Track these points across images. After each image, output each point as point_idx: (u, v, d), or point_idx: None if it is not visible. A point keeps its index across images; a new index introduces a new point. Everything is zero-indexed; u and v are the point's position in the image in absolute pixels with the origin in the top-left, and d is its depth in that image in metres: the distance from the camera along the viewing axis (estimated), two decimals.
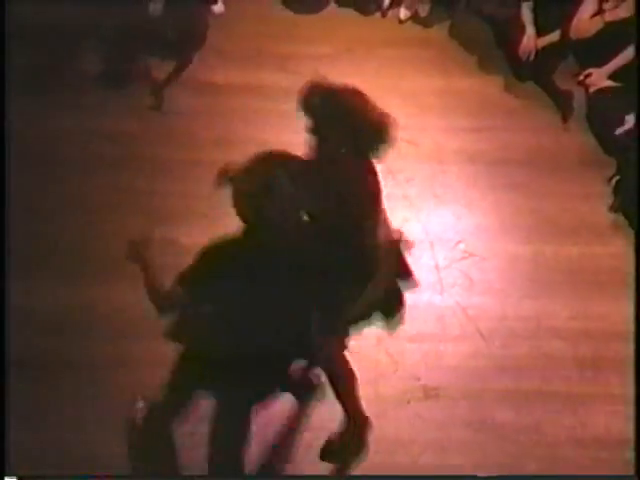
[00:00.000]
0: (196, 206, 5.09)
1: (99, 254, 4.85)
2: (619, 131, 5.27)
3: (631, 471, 3.87)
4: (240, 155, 5.43)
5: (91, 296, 4.71)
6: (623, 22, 5.53)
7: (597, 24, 5.60)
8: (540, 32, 5.83)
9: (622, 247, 5.02)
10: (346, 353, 4.02)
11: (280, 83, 5.84)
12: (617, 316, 4.67)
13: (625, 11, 5.53)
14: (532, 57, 5.82)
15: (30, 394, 4.27)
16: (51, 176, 5.25)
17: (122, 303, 4.59)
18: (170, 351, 3.67)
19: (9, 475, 3.68)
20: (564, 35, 5.73)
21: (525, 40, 5.81)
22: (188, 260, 4.77)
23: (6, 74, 4.66)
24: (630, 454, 4.08)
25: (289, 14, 6.47)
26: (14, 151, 4.77)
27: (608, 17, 5.57)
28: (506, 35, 6.06)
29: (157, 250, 4.83)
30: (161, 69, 5.91)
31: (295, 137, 5.47)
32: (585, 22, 5.63)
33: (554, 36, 5.80)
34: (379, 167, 5.43)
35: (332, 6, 6.58)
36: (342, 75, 5.88)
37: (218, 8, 6.39)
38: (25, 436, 4.09)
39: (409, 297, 4.07)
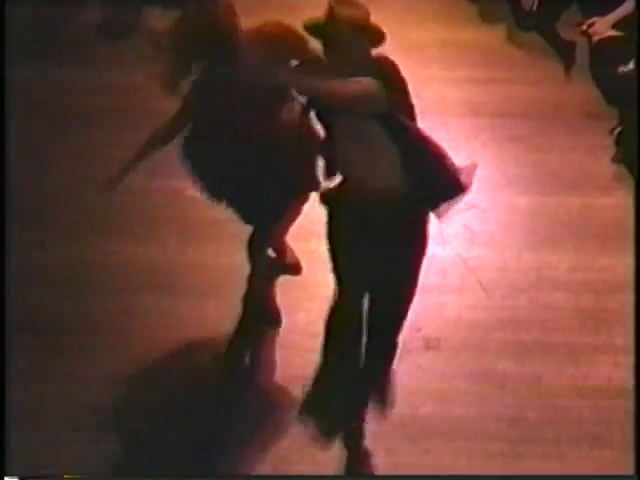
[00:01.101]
0: None
1: (101, 208, 4.83)
2: (621, 69, 5.17)
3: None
4: None
5: (95, 250, 4.69)
6: None
7: None
8: None
9: (625, 198, 4.98)
10: None
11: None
12: (620, 267, 4.66)
13: None
14: (535, 6, 5.73)
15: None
16: (54, 128, 5.20)
17: (126, 256, 4.55)
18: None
19: (9, 475, 3.68)
20: None
21: None
22: (194, 212, 4.82)
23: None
24: (630, 404, 4.11)
25: None
26: (17, 106, 4.72)
27: None
28: None
29: (162, 201, 4.89)
30: (166, 20, 5.82)
31: None
32: None
33: None
34: None
35: None
36: None
37: None
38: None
39: None
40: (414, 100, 4.28)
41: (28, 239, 4.69)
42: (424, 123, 5.28)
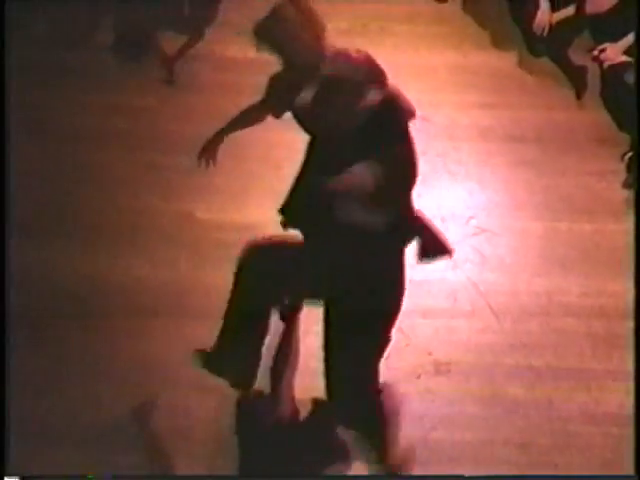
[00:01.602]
0: (215, 182, 5.07)
1: (114, 228, 4.84)
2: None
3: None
4: (259, 131, 5.49)
5: (105, 268, 4.70)
6: None
7: None
8: (555, 7, 5.75)
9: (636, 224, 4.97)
10: None
11: None
12: (631, 294, 4.62)
13: None
14: (546, 32, 5.74)
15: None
16: (66, 149, 5.23)
17: (139, 279, 4.57)
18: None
19: (9, 475, 3.66)
20: (579, 10, 5.64)
21: (539, 14, 5.73)
22: (206, 235, 4.83)
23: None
24: None
25: None
26: (29, 124, 4.75)
27: None
28: (521, 10, 5.97)
29: (173, 223, 4.91)
30: (175, 43, 5.87)
31: None
32: None
33: (569, 10, 5.72)
34: None
35: None
36: None
37: None
38: None
39: (421, 272, 4.02)
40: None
41: (35, 256, 4.70)
42: (435, 147, 5.37)
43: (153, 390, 4.26)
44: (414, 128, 5.31)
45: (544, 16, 5.74)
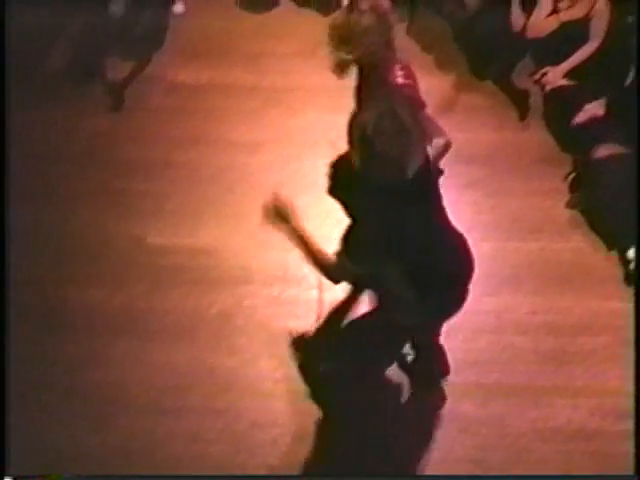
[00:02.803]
0: (167, 205, 5.10)
1: (69, 253, 4.80)
2: (577, 120, 5.28)
3: (631, 470, 3.87)
4: (211, 154, 5.50)
5: (61, 292, 4.65)
6: (578, 22, 5.57)
7: (552, 24, 5.64)
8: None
9: (581, 242, 5.06)
10: None
11: (247, 81, 5.89)
12: (578, 310, 4.71)
13: (579, 11, 5.57)
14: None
15: None
16: (19, 171, 5.17)
17: (95, 302, 4.55)
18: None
19: (9, 475, 3.63)
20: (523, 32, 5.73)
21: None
22: (159, 259, 4.81)
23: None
24: (591, 446, 4.18)
25: (252, 14, 6.47)
26: None
27: (563, 17, 5.60)
28: (466, 33, 6.08)
29: (126, 249, 4.88)
30: (124, 69, 5.85)
31: (260, 134, 5.54)
32: (541, 22, 5.66)
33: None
34: None
35: (290, 5, 6.57)
36: (308, 74, 5.99)
37: (178, 8, 6.38)
38: None
39: None
40: None
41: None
42: None
43: (111, 412, 4.23)
44: None
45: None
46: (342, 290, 4.70)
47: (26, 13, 5.76)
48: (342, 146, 5.60)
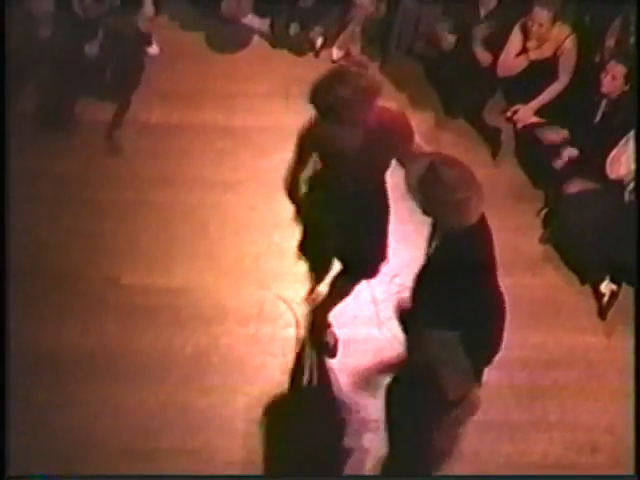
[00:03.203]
0: (139, 246, 5.08)
1: (41, 295, 4.77)
2: (556, 164, 5.33)
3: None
4: (183, 194, 5.49)
5: (33, 335, 4.62)
6: (546, 61, 5.65)
7: (522, 62, 5.71)
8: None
9: (554, 277, 5.08)
10: None
11: (218, 121, 5.91)
12: (552, 344, 4.73)
13: (548, 50, 5.65)
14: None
15: None
16: None
17: (67, 343, 4.50)
18: None
19: (9, 475, 3.59)
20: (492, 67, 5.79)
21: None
22: (131, 300, 4.78)
23: None
24: None
25: (225, 55, 6.51)
26: None
27: (532, 56, 5.68)
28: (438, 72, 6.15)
29: (98, 289, 4.85)
30: (101, 110, 5.86)
31: (232, 174, 5.56)
32: (510, 60, 5.73)
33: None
34: None
35: (262, 45, 6.62)
36: (280, 115, 6.02)
37: (153, 49, 6.40)
38: None
39: (347, 332, 4.04)
40: None
41: None
42: None
43: (81, 456, 4.17)
44: None
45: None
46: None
47: None
48: None
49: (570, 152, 5.30)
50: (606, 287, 4.95)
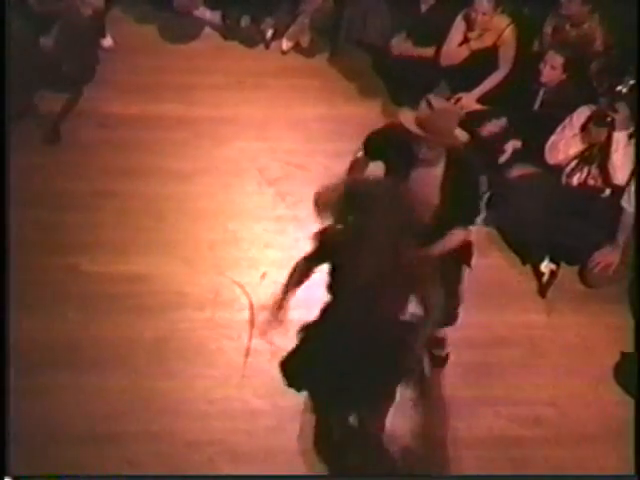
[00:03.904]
0: (100, 236, 5.03)
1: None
2: (501, 159, 5.37)
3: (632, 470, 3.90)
4: (142, 184, 5.43)
5: None
6: (487, 50, 5.68)
7: (464, 52, 5.73)
8: None
9: (499, 259, 5.14)
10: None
11: (175, 113, 5.86)
12: (497, 324, 4.77)
13: (489, 40, 5.68)
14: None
15: None
16: None
17: (29, 332, 4.44)
18: None
19: (9, 475, 3.54)
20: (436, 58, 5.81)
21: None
22: (92, 287, 4.73)
23: None
24: (511, 452, 4.22)
25: (179, 47, 6.45)
26: None
27: (474, 45, 5.70)
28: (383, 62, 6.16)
29: (60, 278, 4.79)
30: (59, 102, 5.77)
31: (189, 164, 5.52)
32: (453, 50, 5.75)
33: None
34: (269, 191, 5.51)
35: (218, 39, 6.58)
36: (235, 106, 5.98)
37: (107, 42, 6.32)
38: None
39: (297, 314, 3.99)
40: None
41: None
42: (311, 193, 5.39)
43: (46, 441, 4.11)
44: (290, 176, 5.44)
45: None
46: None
47: None
48: (268, 174, 5.65)
49: (514, 144, 5.35)
50: (545, 267, 5.02)
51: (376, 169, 4.14)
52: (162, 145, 5.62)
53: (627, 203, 4.85)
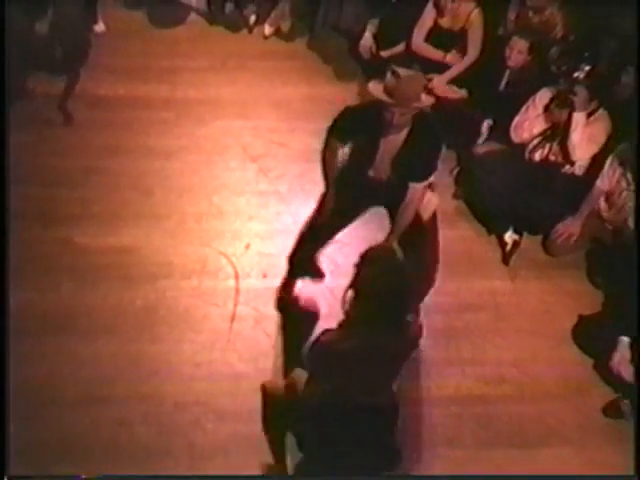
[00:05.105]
0: (90, 210, 4.96)
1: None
2: (479, 141, 5.33)
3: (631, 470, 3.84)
4: (130, 161, 5.37)
5: None
6: (456, 34, 5.60)
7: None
8: (387, 45, 5.84)
9: (467, 230, 5.13)
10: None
11: (161, 94, 5.81)
12: (464, 290, 4.77)
13: (457, 25, 5.60)
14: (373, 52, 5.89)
15: None
16: None
17: (23, 302, 4.36)
18: None
19: (9, 475, 3.46)
20: (407, 47, 5.75)
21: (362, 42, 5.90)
22: (82, 259, 4.68)
23: None
24: (477, 409, 4.23)
25: (167, 32, 6.38)
26: None
27: (443, 30, 5.62)
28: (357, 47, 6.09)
29: (53, 250, 4.73)
30: (53, 84, 5.69)
31: (175, 142, 5.46)
32: (424, 35, 5.67)
33: (399, 47, 5.82)
34: (252, 167, 5.46)
35: (203, 24, 6.51)
36: (219, 87, 5.92)
37: (99, 27, 6.24)
38: None
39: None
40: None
41: None
42: (293, 169, 5.37)
43: (41, 405, 4.07)
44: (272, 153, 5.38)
45: (367, 43, 5.91)
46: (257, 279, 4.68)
47: None
48: (251, 151, 5.59)
49: (488, 123, 5.34)
50: (509, 237, 5.01)
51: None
52: (149, 124, 5.56)
53: (601, 182, 4.83)
